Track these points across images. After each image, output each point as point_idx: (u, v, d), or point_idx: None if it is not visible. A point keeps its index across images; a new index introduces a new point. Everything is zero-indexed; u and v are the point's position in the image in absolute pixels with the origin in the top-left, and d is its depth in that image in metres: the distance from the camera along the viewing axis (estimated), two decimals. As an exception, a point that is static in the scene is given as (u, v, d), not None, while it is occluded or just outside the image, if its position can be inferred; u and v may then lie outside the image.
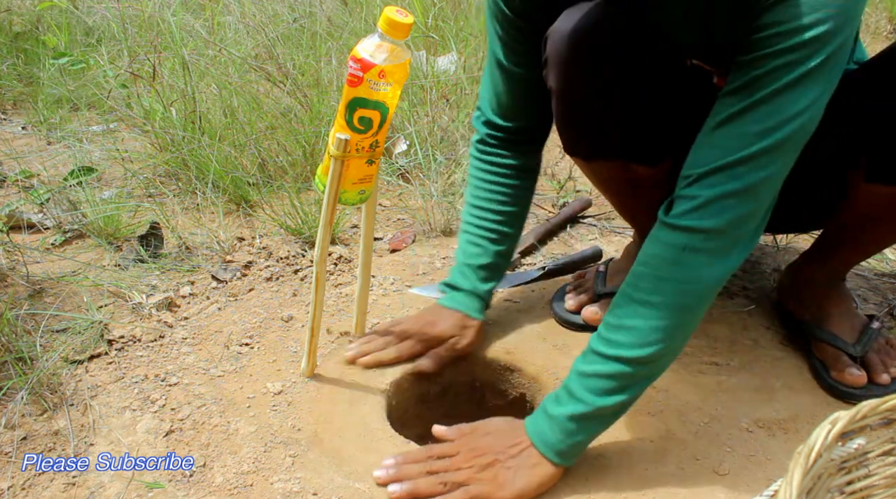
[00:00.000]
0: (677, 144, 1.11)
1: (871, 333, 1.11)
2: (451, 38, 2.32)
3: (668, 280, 0.84)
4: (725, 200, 0.82)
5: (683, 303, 0.85)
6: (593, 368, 0.87)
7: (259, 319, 1.27)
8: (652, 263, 0.86)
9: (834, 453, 0.62)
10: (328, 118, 1.81)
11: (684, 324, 0.86)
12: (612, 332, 0.87)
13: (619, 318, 0.87)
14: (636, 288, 0.87)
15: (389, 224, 1.65)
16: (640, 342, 0.85)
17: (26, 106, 2.35)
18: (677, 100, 1.02)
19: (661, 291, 0.84)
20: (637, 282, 0.87)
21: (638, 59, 0.96)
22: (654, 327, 0.84)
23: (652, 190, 1.16)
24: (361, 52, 0.90)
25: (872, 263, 1.44)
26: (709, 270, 0.84)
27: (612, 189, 1.21)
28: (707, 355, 1.17)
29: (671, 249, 0.84)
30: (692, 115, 1.08)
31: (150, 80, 1.92)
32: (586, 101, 1.00)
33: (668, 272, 0.84)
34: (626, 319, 0.86)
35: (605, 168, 1.14)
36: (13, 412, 1.03)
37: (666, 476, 0.93)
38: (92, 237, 1.52)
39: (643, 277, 0.86)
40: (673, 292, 0.84)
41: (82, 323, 1.21)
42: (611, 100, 0.99)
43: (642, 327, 0.85)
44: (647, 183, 1.14)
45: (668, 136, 1.06)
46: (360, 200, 1.02)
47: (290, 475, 0.93)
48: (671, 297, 0.84)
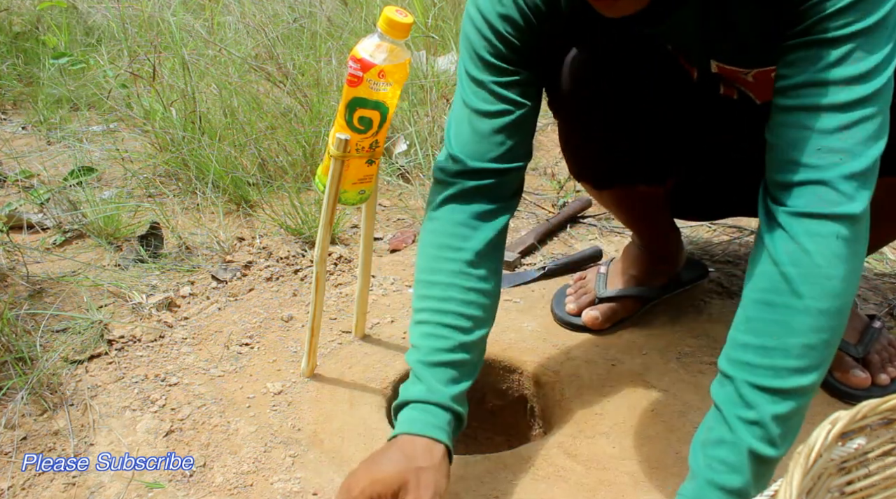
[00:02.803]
0: (682, 162, 1.11)
1: (872, 334, 1.11)
2: (451, 38, 2.32)
3: (832, 278, 0.71)
4: (855, 179, 0.71)
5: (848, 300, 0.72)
6: (767, 409, 0.70)
7: (259, 319, 1.27)
8: (803, 261, 0.71)
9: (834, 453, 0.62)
10: (328, 118, 1.81)
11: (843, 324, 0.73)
12: (781, 359, 0.70)
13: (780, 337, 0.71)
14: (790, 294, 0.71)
15: (389, 224, 1.65)
16: (822, 366, 0.71)
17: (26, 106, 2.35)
18: (686, 119, 1.02)
19: (826, 294, 0.71)
20: (788, 286, 0.71)
21: (648, 86, 0.96)
22: (833, 342, 0.72)
23: (657, 204, 1.17)
24: (361, 52, 0.90)
25: (872, 262, 1.44)
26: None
27: (617, 207, 1.22)
28: (707, 355, 1.17)
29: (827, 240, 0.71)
30: (697, 133, 1.08)
31: (150, 80, 1.92)
32: (596, 130, 1.00)
33: (832, 268, 0.71)
34: (784, 338, 0.71)
35: (612, 192, 1.15)
36: (13, 412, 1.03)
37: (666, 476, 0.93)
38: (92, 237, 1.52)
39: (793, 281, 0.71)
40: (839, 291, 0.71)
41: (82, 323, 1.21)
42: (621, 130, 0.99)
43: (811, 343, 0.71)
44: (652, 200, 1.14)
45: (676, 154, 1.06)
46: (360, 200, 1.02)
47: (290, 475, 0.93)
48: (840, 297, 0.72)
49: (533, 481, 0.93)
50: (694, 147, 1.10)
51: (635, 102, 0.96)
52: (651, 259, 1.26)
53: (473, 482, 0.92)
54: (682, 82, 0.99)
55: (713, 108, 1.06)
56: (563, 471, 0.94)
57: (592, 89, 0.95)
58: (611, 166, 1.06)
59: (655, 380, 1.09)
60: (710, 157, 1.15)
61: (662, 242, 1.27)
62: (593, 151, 1.05)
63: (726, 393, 0.73)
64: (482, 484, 0.92)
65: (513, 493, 0.91)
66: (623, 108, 0.97)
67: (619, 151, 1.02)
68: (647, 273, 1.26)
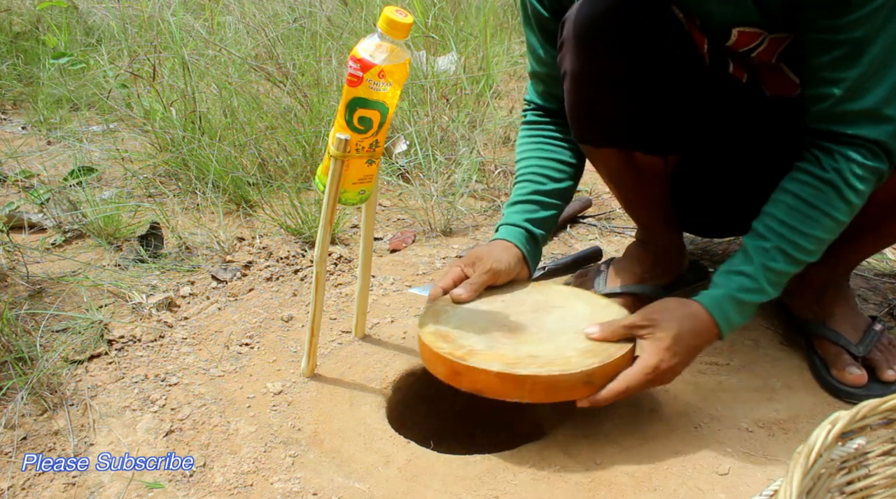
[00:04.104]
0: (687, 137, 1.11)
1: (874, 335, 1.11)
2: (451, 38, 2.32)
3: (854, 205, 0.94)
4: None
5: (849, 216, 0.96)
6: (780, 267, 0.95)
7: (259, 319, 1.27)
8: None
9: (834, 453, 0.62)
10: (328, 118, 1.81)
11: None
12: (802, 239, 0.94)
13: (808, 227, 0.94)
14: (826, 203, 0.94)
15: (389, 224, 1.65)
16: (820, 249, 0.97)
17: (26, 106, 2.36)
18: (692, 91, 1.02)
19: (839, 208, 0.94)
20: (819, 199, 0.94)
21: (655, 48, 0.96)
22: (830, 240, 0.96)
23: (657, 182, 1.16)
24: (361, 52, 0.90)
25: (872, 263, 1.44)
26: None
27: (618, 179, 1.21)
28: (707, 355, 1.17)
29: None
30: (705, 108, 1.08)
31: (150, 80, 1.92)
32: (597, 86, 1.01)
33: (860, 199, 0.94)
34: (813, 230, 0.94)
35: (613, 157, 1.14)
36: (13, 412, 1.03)
37: (666, 476, 0.93)
38: (92, 237, 1.52)
39: (827, 194, 0.93)
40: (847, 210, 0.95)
41: (82, 323, 1.21)
42: (622, 87, 0.99)
43: (824, 238, 0.95)
44: (654, 175, 1.14)
45: (679, 126, 1.06)
46: (360, 200, 1.02)
47: (290, 475, 0.93)
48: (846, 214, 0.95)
49: (533, 481, 0.93)
50: (699, 125, 1.10)
51: (642, 63, 0.97)
52: (653, 259, 1.26)
53: (473, 482, 0.92)
54: (689, 51, 1.00)
55: (720, 89, 1.06)
56: (563, 471, 0.94)
57: (599, 44, 0.97)
58: (612, 125, 1.07)
59: (655, 380, 1.09)
60: (717, 146, 1.15)
61: (663, 238, 1.27)
62: (595, 107, 1.06)
63: (758, 245, 0.96)
64: (482, 484, 0.92)
65: (513, 493, 0.91)
66: (629, 68, 0.98)
67: (622, 109, 1.03)
68: (649, 272, 1.26)
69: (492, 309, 1.06)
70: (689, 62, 1.01)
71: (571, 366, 0.91)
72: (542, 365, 0.91)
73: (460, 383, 0.94)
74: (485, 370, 0.91)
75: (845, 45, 0.86)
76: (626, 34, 0.95)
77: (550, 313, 1.05)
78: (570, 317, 1.04)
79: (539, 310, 1.06)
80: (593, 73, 1.00)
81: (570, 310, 1.06)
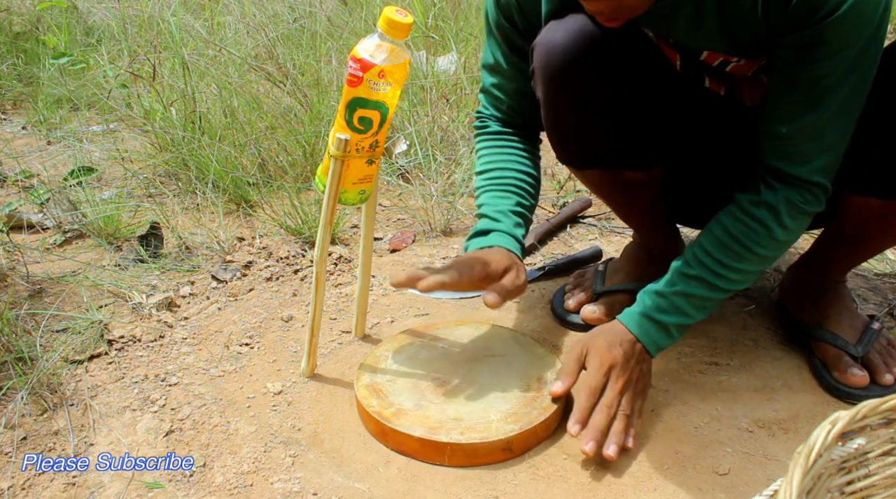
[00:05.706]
0: (669, 150, 1.11)
1: (872, 334, 1.11)
2: (451, 38, 2.32)
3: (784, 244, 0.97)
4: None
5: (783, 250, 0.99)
6: (702, 293, 0.98)
7: (259, 319, 1.27)
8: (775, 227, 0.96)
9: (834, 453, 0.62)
10: (328, 118, 1.81)
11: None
12: (726, 271, 0.97)
13: (733, 261, 0.96)
14: (752, 241, 0.95)
15: (389, 224, 1.65)
16: (747, 281, 1.00)
17: (26, 106, 2.36)
18: (669, 107, 1.02)
19: (767, 246, 0.96)
20: (747, 236, 0.96)
21: (624, 69, 0.96)
22: (758, 271, 0.99)
23: (645, 192, 1.16)
24: (361, 52, 0.90)
25: (872, 263, 1.44)
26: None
27: (607, 194, 1.22)
28: (707, 355, 1.17)
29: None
30: (684, 121, 1.08)
31: (150, 80, 1.92)
32: (574, 112, 1.00)
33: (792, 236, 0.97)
34: (738, 263, 0.96)
35: (598, 176, 1.15)
36: (13, 412, 1.03)
37: (666, 476, 0.93)
38: (92, 237, 1.52)
39: (756, 232, 0.95)
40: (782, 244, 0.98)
41: (82, 323, 1.21)
42: (598, 111, 0.99)
43: (749, 269, 0.98)
44: (640, 187, 1.14)
45: (659, 142, 1.06)
46: (360, 200, 1.02)
47: (290, 475, 0.94)
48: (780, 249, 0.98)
49: (533, 481, 0.93)
50: (680, 138, 1.10)
51: (614, 85, 0.96)
52: (650, 258, 1.26)
53: (473, 482, 0.92)
54: (662, 68, 1.00)
55: (699, 101, 1.05)
56: (563, 471, 0.94)
57: (569, 70, 0.95)
58: (592, 148, 1.06)
59: (655, 380, 1.09)
60: (701, 154, 1.15)
61: (660, 241, 1.27)
62: (573, 131, 1.05)
63: (682, 271, 0.99)
64: (482, 484, 0.92)
65: (513, 493, 0.91)
66: (602, 91, 0.97)
67: (600, 131, 1.02)
68: (646, 271, 1.26)
69: (430, 357, 1.09)
70: (663, 78, 1.00)
71: (491, 433, 0.94)
72: (462, 431, 0.94)
73: (387, 442, 0.98)
74: (408, 435, 0.94)
75: (809, 90, 0.86)
76: (595, 60, 0.94)
77: (486, 364, 1.07)
78: (504, 369, 1.06)
79: (476, 359, 1.08)
80: (567, 101, 0.99)
81: (506, 360, 1.08)
